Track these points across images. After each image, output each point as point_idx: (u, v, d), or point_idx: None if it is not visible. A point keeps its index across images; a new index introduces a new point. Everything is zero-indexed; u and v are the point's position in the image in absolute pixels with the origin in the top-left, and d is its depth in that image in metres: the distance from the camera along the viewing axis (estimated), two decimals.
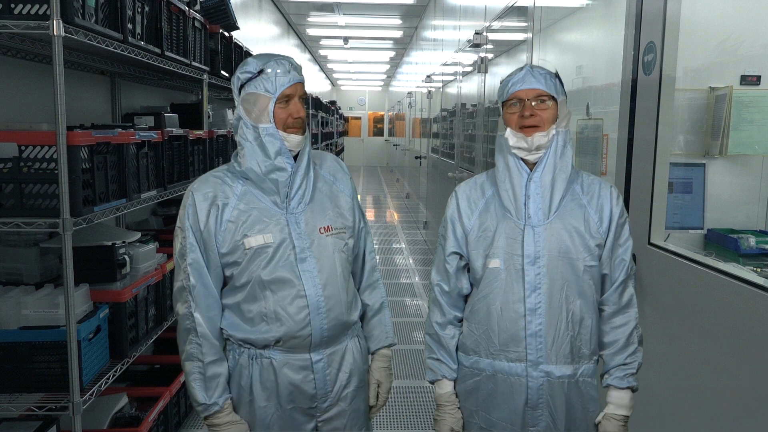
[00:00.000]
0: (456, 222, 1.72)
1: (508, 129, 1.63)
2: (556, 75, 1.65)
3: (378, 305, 1.85)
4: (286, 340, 1.64)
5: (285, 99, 1.63)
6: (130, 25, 2.38)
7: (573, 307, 1.61)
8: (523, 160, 1.63)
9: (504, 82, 1.66)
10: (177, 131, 2.93)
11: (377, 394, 1.81)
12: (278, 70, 1.62)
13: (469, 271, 1.73)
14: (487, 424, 1.69)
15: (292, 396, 1.68)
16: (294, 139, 1.64)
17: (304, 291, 1.62)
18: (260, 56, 1.66)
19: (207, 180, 1.69)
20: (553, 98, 1.60)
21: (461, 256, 1.72)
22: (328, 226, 1.69)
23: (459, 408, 1.74)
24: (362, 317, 1.85)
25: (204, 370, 1.63)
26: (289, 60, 1.66)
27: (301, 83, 1.66)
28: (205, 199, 1.64)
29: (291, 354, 1.66)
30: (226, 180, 1.67)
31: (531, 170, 1.63)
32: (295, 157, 1.67)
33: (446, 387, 1.74)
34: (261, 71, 1.62)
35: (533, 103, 1.59)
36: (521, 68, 1.65)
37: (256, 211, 1.65)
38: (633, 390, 1.65)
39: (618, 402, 1.64)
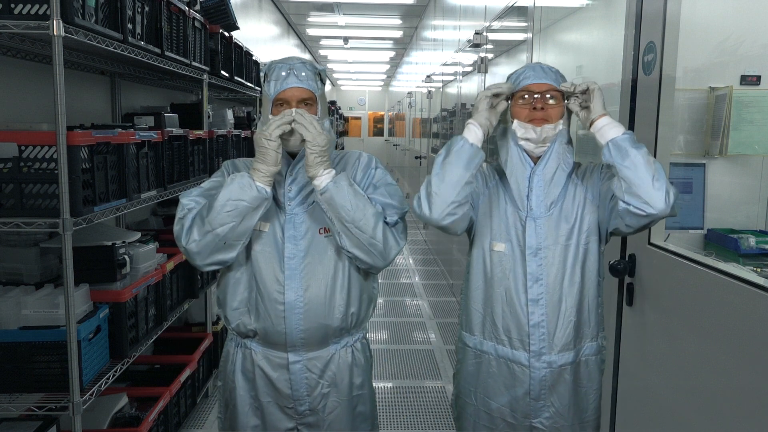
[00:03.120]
0: None
1: (516, 120, 1.66)
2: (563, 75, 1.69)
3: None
4: (262, 334, 1.68)
5: (280, 103, 1.64)
6: (130, 25, 2.37)
7: (575, 294, 1.64)
8: (527, 153, 1.66)
9: (513, 76, 1.69)
10: (177, 131, 2.93)
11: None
12: (279, 74, 1.63)
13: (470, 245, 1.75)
14: (486, 407, 1.70)
15: (268, 390, 1.71)
16: (287, 144, 1.63)
17: (283, 288, 1.64)
18: (278, 59, 1.69)
19: (234, 162, 1.80)
20: (561, 95, 1.63)
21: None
22: (328, 227, 1.68)
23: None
24: None
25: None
26: (292, 64, 1.64)
27: (301, 88, 1.63)
28: (234, 171, 1.74)
29: (269, 350, 1.70)
30: (246, 167, 1.73)
31: (534, 164, 1.66)
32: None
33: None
34: (266, 74, 1.67)
35: (544, 97, 1.62)
36: (531, 64, 1.68)
37: None
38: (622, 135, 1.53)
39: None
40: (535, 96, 1.62)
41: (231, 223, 1.57)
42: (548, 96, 1.62)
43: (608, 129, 1.53)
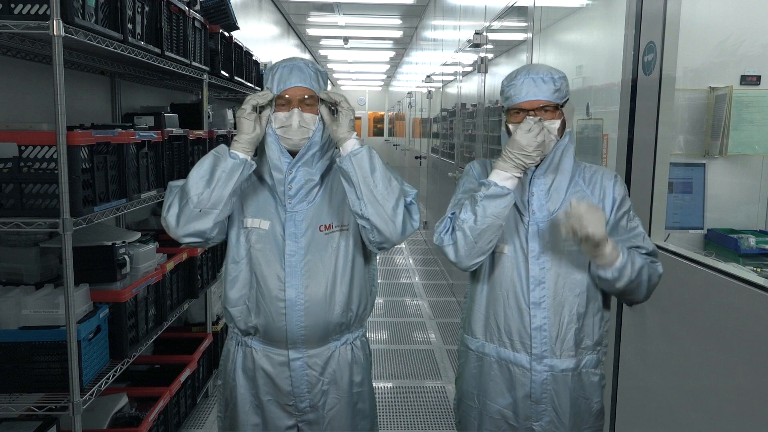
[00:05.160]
0: (478, 180, 1.68)
1: (512, 125, 1.63)
2: (562, 76, 1.64)
3: None
4: (263, 331, 1.68)
5: (282, 102, 1.65)
6: (130, 25, 2.37)
7: (578, 300, 1.63)
8: None
9: (507, 87, 1.65)
10: (177, 131, 2.93)
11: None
12: (281, 73, 1.66)
13: None
14: (487, 409, 1.70)
15: (268, 388, 1.72)
16: (290, 140, 1.65)
17: (284, 285, 1.65)
18: (280, 60, 1.71)
19: None
20: (556, 106, 1.61)
21: None
22: (329, 224, 1.69)
23: None
24: None
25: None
26: (294, 64, 1.66)
27: (303, 87, 1.65)
28: None
29: (270, 347, 1.70)
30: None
31: (535, 168, 1.64)
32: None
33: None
34: (268, 74, 1.69)
35: (539, 112, 1.59)
36: (524, 73, 1.63)
37: (261, 201, 1.71)
38: (615, 260, 1.55)
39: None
40: (530, 112, 1.60)
41: (206, 189, 1.60)
42: (543, 110, 1.59)
43: None
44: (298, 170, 1.67)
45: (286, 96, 1.65)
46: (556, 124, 1.60)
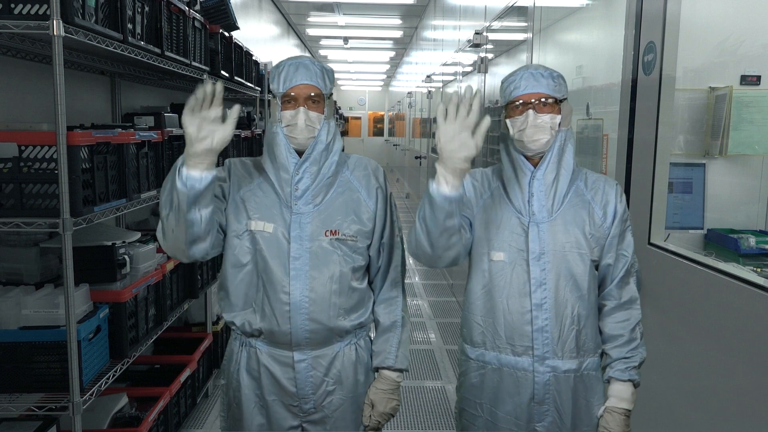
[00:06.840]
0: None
1: (509, 120, 1.65)
2: (560, 75, 1.65)
3: (389, 323, 1.77)
4: (267, 333, 1.68)
5: (288, 99, 1.65)
6: (130, 25, 2.37)
7: (579, 302, 1.62)
8: (526, 157, 1.64)
9: (506, 83, 1.66)
10: (177, 131, 2.93)
11: (369, 416, 1.74)
12: (288, 71, 1.65)
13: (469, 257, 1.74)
14: (493, 417, 1.69)
15: (273, 388, 1.71)
16: (295, 139, 1.65)
17: (289, 288, 1.64)
18: (286, 58, 1.70)
19: (240, 160, 1.80)
20: (556, 100, 1.61)
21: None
22: (335, 230, 1.68)
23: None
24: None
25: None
26: (301, 61, 1.66)
27: (309, 85, 1.64)
28: (234, 173, 1.74)
29: (274, 348, 1.70)
30: (251, 169, 1.75)
31: (534, 167, 1.64)
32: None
33: None
34: (274, 72, 1.68)
35: (538, 104, 1.60)
36: (523, 69, 1.64)
37: (265, 202, 1.69)
38: (635, 384, 1.64)
39: (619, 395, 1.63)
40: (528, 104, 1.60)
41: (172, 214, 1.52)
42: (542, 104, 1.59)
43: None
44: (305, 171, 1.67)
45: (292, 94, 1.64)
46: (557, 119, 1.61)
